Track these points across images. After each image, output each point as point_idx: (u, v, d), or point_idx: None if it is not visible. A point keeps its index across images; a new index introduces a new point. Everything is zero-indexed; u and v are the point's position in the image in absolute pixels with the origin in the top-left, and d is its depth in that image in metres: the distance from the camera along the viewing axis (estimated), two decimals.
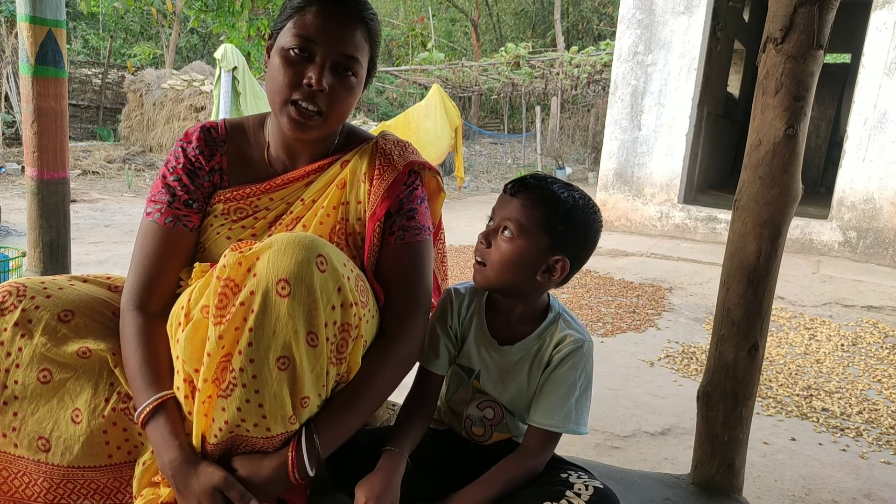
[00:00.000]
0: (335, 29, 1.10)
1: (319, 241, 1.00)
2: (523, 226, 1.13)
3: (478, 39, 21.81)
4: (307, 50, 1.10)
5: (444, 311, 1.26)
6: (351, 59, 1.12)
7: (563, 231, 1.13)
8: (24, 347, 1.06)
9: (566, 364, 1.16)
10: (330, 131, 1.18)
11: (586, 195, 1.18)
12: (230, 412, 0.96)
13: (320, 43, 1.09)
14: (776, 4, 1.39)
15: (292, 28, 1.11)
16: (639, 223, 6.92)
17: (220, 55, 5.78)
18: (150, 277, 1.16)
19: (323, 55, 1.10)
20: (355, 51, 1.12)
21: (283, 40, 1.12)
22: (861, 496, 2.05)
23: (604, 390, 2.77)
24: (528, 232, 1.13)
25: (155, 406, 1.03)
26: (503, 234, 1.15)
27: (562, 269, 1.15)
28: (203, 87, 10.78)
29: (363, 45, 1.14)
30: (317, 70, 1.09)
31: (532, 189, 1.15)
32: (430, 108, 7.11)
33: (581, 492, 1.06)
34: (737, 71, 10.39)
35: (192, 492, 0.98)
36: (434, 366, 1.23)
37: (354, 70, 1.13)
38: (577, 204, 1.14)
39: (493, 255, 1.15)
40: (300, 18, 1.10)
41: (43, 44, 2.57)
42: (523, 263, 1.14)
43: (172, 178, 1.20)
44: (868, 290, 4.88)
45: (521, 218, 1.13)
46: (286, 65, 1.10)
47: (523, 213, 1.13)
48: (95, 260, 4.63)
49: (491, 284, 1.18)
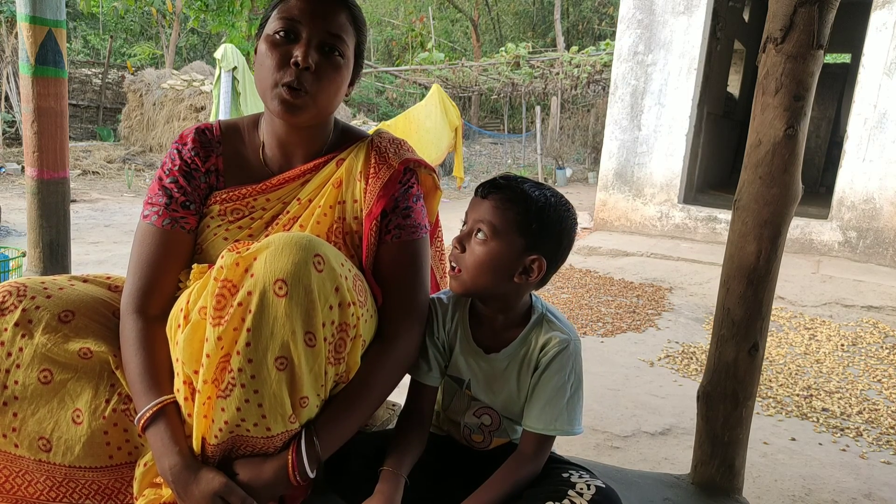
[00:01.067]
0: (319, 8, 1.12)
1: (317, 240, 0.99)
2: (496, 227, 1.11)
3: (478, 39, 21.80)
4: (292, 31, 1.11)
5: (429, 321, 1.24)
6: (336, 38, 1.12)
7: (536, 230, 1.12)
8: (24, 347, 1.06)
9: (554, 366, 1.14)
10: (321, 114, 1.17)
11: (558, 193, 1.17)
12: (230, 412, 0.96)
13: (304, 22, 1.10)
14: (776, 4, 1.39)
15: (277, 14, 1.12)
16: (639, 223, 6.92)
17: (220, 55, 5.78)
18: (148, 280, 1.15)
19: (308, 33, 1.10)
20: (340, 30, 1.13)
21: (269, 28, 1.13)
22: (861, 496, 2.05)
23: (604, 390, 2.77)
24: (501, 233, 1.11)
25: (155, 411, 1.03)
26: (476, 237, 1.13)
27: (539, 268, 1.13)
28: (203, 87, 10.77)
29: (348, 27, 1.15)
30: (302, 48, 1.09)
31: (503, 189, 1.13)
32: (430, 108, 7.09)
33: (583, 491, 1.05)
34: (737, 71, 10.39)
35: (193, 497, 0.98)
36: (426, 377, 1.21)
37: (340, 50, 1.14)
38: (549, 202, 1.13)
39: (467, 260, 1.13)
40: (284, 4, 1.13)
41: (43, 44, 2.57)
42: (499, 266, 1.12)
43: (169, 180, 1.19)
44: (868, 290, 4.88)
45: (493, 219, 1.11)
46: (272, 48, 1.11)
47: (496, 214, 1.11)
48: (95, 260, 4.63)
49: (468, 290, 1.16)
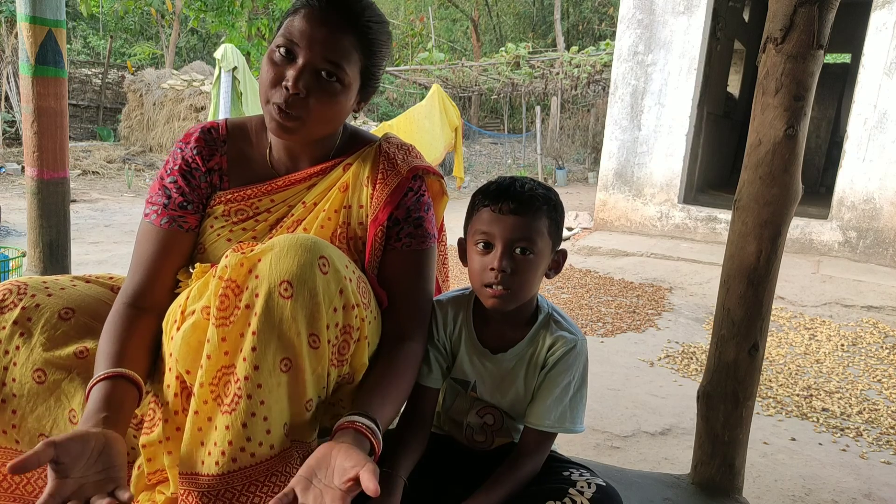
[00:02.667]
0: (319, 34, 1.07)
1: (322, 242, 0.99)
2: (536, 242, 1.13)
3: (478, 39, 21.80)
4: (291, 52, 1.08)
5: (429, 325, 1.23)
6: (333, 65, 1.08)
7: (557, 228, 1.18)
8: (21, 346, 1.07)
9: (561, 366, 1.16)
10: (316, 136, 1.15)
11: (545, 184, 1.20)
12: (234, 429, 0.92)
13: (302, 46, 1.07)
14: (776, 4, 1.39)
15: (282, 30, 1.10)
16: (639, 223, 6.92)
17: (220, 55, 5.77)
18: (145, 278, 1.15)
19: (304, 59, 1.07)
20: (339, 58, 1.08)
21: (275, 39, 1.12)
22: (861, 496, 2.05)
23: (604, 390, 2.77)
24: (541, 245, 1.14)
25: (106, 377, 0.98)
26: (524, 256, 1.12)
27: (563, 260, 1.21)
28: (203, 87, 10.78)
29: (351, 52, 1.10)
30: (295, 72, 1.06)
31: (525, 203, 1.13)
32: (430, 108, 7.09)
33: (584, 489, 1.06)
34: (737, 71, 10.39)
35: None
36: (428, 380, 1.21)
37: (338, 76, 1.09)
38: (555, 198, 1.18)
39: (519, 280, 1.12)
40: (291, 20, 1.10)
41: (43, 44, 2.57)
42: (541, 273, 1.17)
43: (169, 179, 1.20)
44: (868, 290, 4.88)
45: (532, 234, 1.12)
46: (270, 64, 1.09)
47: (532, 229, 1.12)
48: (95, 260, 4.63)
49: (519, 303, 1.17)
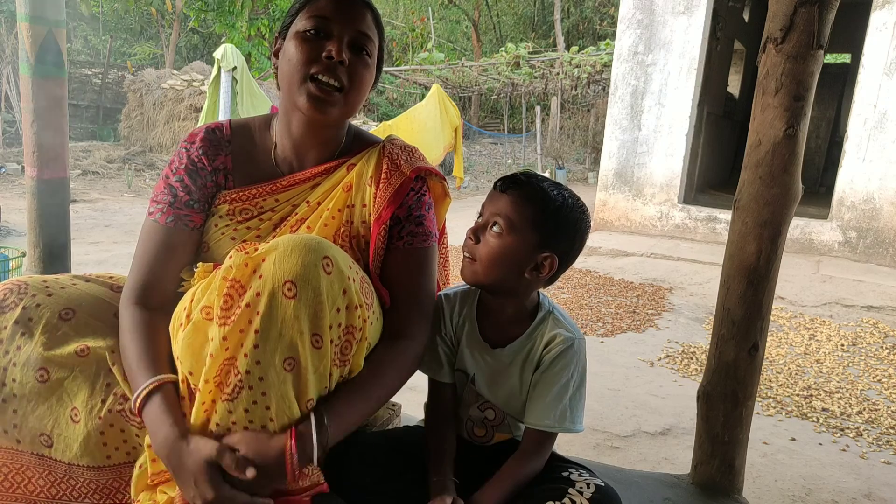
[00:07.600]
0: (348, 8, 1.14)
1: (325, 242, 1.00)
2: (513, 222, 1.13)
3: (478, 39, 21.79)
4: (323, 29, 1.13)
5: (437, 318, 1.25)
6: (366, 38, 1.15)
7: (551, 229, 1.14)
8: (22, 346, 1.07)
9: (557, 364, 1.16)
10: (348, 112, 1.19)
11: (575, 195, 1.19)
12: (237, 414, 0.95)
13: (336, 20, 1.13)
14: (776, 4, 1.39)
15: (306, 13, 1.14)
16: (639, 223, 6.92)
17: (220, 55, 5.77)
18: (150, 276, 1.16)
19: (339, 31, 1.13)
20: (368, 29, 1.16)
21: (298, 26, 1.15)
22: (861, 496, 2.05)
23: (604, 390, 2.77)
24: (517, 229, 1.13)
25: (151, 388, 1.01)
26: (492, 230, 1.15)
27: (550, 266, 1.15)
28: (203, 88, 10.77)
29: (373, 28, 1.18)
30: (336, 44, 1.12)
31: (522, 186, 1.15)
32: (430, 108, 7.09)
33: (583, 490, 1.06)
34: (737, 71, 10.39)
35: (187, 469, 0.94)
36: (440, 375, 1.24)
37: (368, 49, 1.16)
38: (566, 203, 1.15)
39: (481, 251, 1.16)
40: (313, 4, 1.15)
41: (43, 44, 2.57)
42: (512, 260, 1.14)
43: (174, 178, 1.21)
44: (868, 290, 4.88)
45: (510, 214, 1.13)
46: (303, 43, 1.12)
47: (513, 209, 1.14)
48: (95, 260, 4.63)
49: (479, 280, 1.18)
